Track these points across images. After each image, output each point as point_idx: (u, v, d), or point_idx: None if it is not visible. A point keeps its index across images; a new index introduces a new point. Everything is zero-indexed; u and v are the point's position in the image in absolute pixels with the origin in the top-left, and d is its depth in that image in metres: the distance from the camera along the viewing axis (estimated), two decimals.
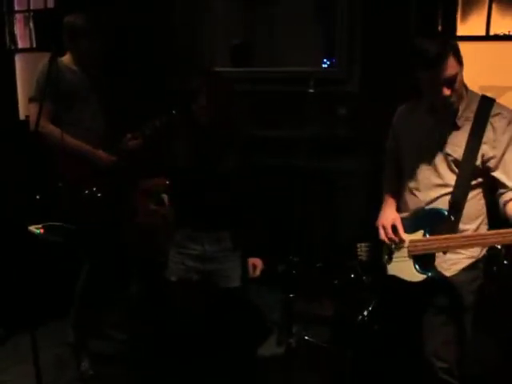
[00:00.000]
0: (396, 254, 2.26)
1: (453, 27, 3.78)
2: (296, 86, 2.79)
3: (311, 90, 2.56)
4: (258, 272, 2.67)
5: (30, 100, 2.93)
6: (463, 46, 3.73)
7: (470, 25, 3.90)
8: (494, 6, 3.79)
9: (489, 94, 3.61)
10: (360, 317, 2.76)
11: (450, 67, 2.00)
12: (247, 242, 2.67)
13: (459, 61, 2.04)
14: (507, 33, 3.79)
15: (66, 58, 3.00)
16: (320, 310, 3.42)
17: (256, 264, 2.67)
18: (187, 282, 2.65)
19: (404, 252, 2.22)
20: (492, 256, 2.93)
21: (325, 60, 4.32)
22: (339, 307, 3.18)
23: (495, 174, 2.10)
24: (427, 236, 2.15)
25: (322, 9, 4.36)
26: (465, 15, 3.91)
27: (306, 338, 3.04)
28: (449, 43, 2.02)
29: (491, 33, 3.81)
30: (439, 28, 3.70)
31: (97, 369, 3.14)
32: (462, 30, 3.87)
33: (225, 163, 2.58)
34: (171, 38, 4.24)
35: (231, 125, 2.62)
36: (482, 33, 3.82)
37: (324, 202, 3.80)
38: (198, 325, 2.65)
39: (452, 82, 2.02)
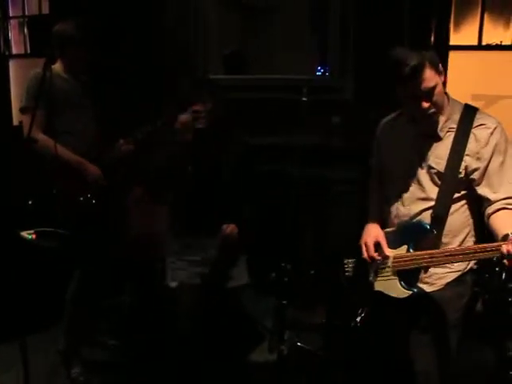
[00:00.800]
0: (382, 271, 2.21)
1: (446, 37, 3.81)
2: (289, 93, 2.79)
3: (304, 98, 2.57)
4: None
5: (22, 110, 2.93)
6: (456, 56, 3.84)
7: (462, 34, 3.94)
8: (486, 16, 3.83)
9: (481, 103, 3.69)
10: (352, 323, 2.75)
11: (427, 79, 1.93)
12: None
13: (437, 71, 1.97)
14: (499, 42, 3.82)
15: (57, 66, 3.00)
16: (312, 316, 3.42)
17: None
18: (190, 287, 2.65)
19: (389, 268, 2.17)
20: (484, 263, 2.95)
21: (319, 68, 4.34)
22: (332, 314, 3.18)
23: (478, 188, 2.05)
24: (411, 251, 2.11)
25: (316, 17, 4.40)
26: (457, 25, 3.95)
27: (298, 344, 3.03)
28: (425, 55, 1.94)
29: (483, 42, 3.84)
30: (432, 37, 3.73)
31: (88, 376, 3.11)
32: (454, 39, 3.90)
33: (223, 169, 2.59)
34: (166, 46, 4.25)
35: (227, 132, 2.62)
36: (475, 42, 3.85)
37: (317, 210, 3.80)
38: (194, 331, 2.64)
39: (430, 94, 1.96)
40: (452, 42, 3.86)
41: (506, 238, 1.83)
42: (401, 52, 1.96)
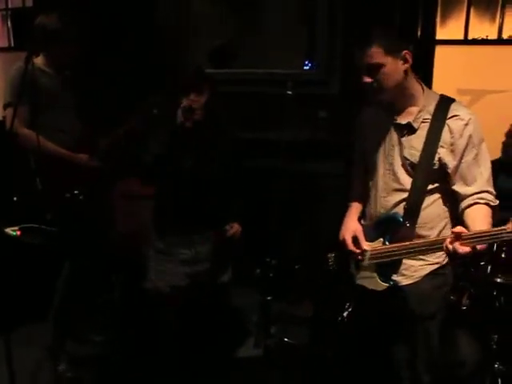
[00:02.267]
0: (361, 264, 2.21)
1: (432, 31, 3.81)
2: (276, 88, 2.78)
3: (289, 92, 2.56)
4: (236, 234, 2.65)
5: (5, 106, 2.88)
6: (442, 50, 3.85)
7: (449, 29, 3.96)
8: (472, 10, 3.85)
9: (467, 97, 3.71)
10: (339, 317, 2.77)
11: (370, 56, 1.96)
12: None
13: (391, 54, 1.98)
14: (485, 37, 3.84)
15: (39, 60, 2.94)
16: (298, 311, 3.43)
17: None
18: (174, 287, 2.63)
19: (367, 261, 2.18)
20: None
21: (306, 62, 4.33)
22: (319, 308, 3.19)
23: (451, 181, 2.05)
24: (387, 244, 2.12)
25: (304, 11, 4.38)
26: (444, 20, 3.96)
27: (285, 339, 3.04)
28: (378, 35, 1.98)
29: (469, 37, 3.86)
30: (419, 32, 3.73)
31: (75, 372, 3.08)
32: (441, 33, 3.91)
33: (213, 164, 2.57)
34: (155, 40, 4.22)
35: (217, 126, 2.60)
36: (461, 37, 3.87)
37: (303, 204, 3.80)
38: (181, 327, 2.64)
39: (371, 70, 1.98)
40: (438, 37, 3.87)
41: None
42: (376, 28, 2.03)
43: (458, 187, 2.04)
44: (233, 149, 2.69)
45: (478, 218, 1.95)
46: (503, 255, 2.84)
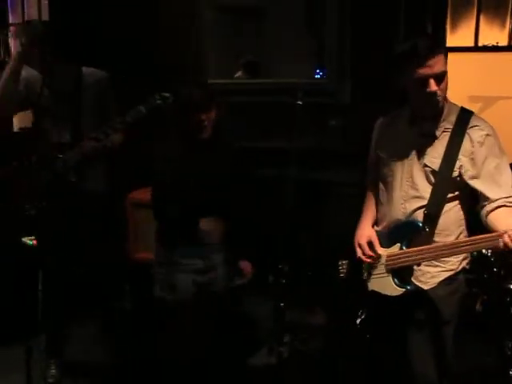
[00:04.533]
0: (375, 270, 2.24)
1: (442, 38, 3.83)
2: (286, 97, 2.81)
3: (299, 102, 2.58)
4: (248, 275, 2.68)
5: None
6: (453, 57, 3.83)
7: (458, 36, 3.96)
8: (481, 17, 3.86)
9: (478, 105, 3.71)
10: (353, 324, 2.77)
11: (440, 62, 1.99)
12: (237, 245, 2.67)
13: (446, 61, 2.03)
14: (495, 43, 3.84)
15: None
16: (312, 318, 3.44)
17: (246, 267, 2.69)
18: (183, 298, 2.61)
19: (382, 267, 2.20)
20: (482, 263, 2.97)
21: (317, 71, 4.36)
22: (332, 315, 3.20)
23: (476, 186, 2.07)
24: (404, 249, 2.14)
25: (313, 20, 4.42)
26: (454, 26, 3.97)
27: (298, 347, 3.05)
28: (439, 41, 2.06)
29: (480, 44, 3.86)
30: None
31: (66, 378, 3.07)
32: (451, 40, 3.92)
33: (218, 175, 2.57)
34: (158, 49, 4.27)
35: (221, 136, 2.63)
36: (471, 44, 3.88)
37: (315, 213, 3.82)
38: (190, 336, 2.65)
39: (441, 78, 2.00)
40: (448, 44, 3.88)
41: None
42: (415, 38, 2.03)
43: (483, 191, 2.06)
44: (237, 159, 2.70)
45: (507, 218, 1.97)
46: None
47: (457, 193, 2.12)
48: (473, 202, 2.14)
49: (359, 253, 2.27)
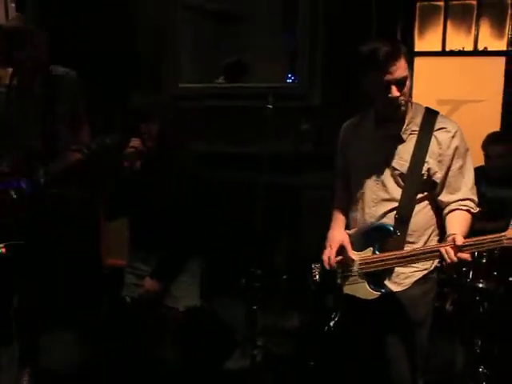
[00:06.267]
0: (349, 274, 2.23)
1: (411, 43, 3.90)
2: (258, 101, 2.82)
3: (270, 106, 2.59)
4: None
5: None
6: (421, 62, 3.93)
7: (426, 41, 4.05)
8: (448, 23, 3.95)
9: (446, 107, 3.78)
10: (326, 328, 2.78)
11: (402, 68, 1.97)
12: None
13: (409, 66, 2.02)
14: (461, 49, 3.94)
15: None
16: (285, 321, 3.44)
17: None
18: (140, 301, 2.62)
19: (356, 271, 2.19)
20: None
21: (289, 75, 4.39)
22: (305, 318, 3.20)
23: (438, 190, 2.11)
24: (376, 253, 2.14)
25: (285, 23, 4.45)
26: (422, 32, 4.05)
27: (272, 350, 3.05)
28: (400, 45, 2.01)
29: (447, 48, 3.95)
30: None
31: None
32: (419, 45, 4.01)
33: (169, 181, 2.55)
34: (133, 51, 4.24)
35: (171, 146, 2.58)
36: (439, 48, 3.97)
37: (287, 216, 3.84)
38: (162, 339, 2.63)
39: (402, 83, 2.00)
40: (417, 49, 3.97)
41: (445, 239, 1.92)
42: (375, 41, 2.02)
43: (443, 196, 2.12)
44: (188, 164, 2.65)
45: (457, 222, 2.03)
46: (484, 260, 2.88)
47: (426, 193, 2.14)
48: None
49: (325, 256, 2.25)
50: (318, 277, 2.37)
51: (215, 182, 2.83)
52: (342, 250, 2.23)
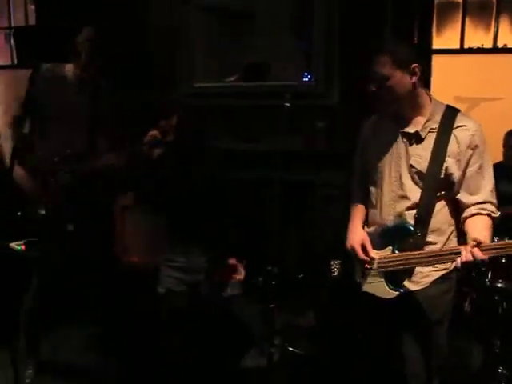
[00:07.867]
0: (368, 272, 2.22)
1: (428, 41, 3.87)
2: (275, 100, 2.82)
3: (287, 104, 2.59)
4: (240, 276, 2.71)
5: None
6: (439, 59, 3.90)
7: (444, 38, 4.02)
8: (467, 20, 3.91)
9: (464, 105, 3.75)
10: (344, 325, 2.77)
11: (379, 65, 2.04)
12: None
13: (400, 67, 2.03)
14: (480, 46, 3.90)
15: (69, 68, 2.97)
16: (302, 320, 3.43)
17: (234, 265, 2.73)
18: (174, 293, 2.70)
19: (375, 270, 2.19)
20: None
21: (305, 74, 4.37)
22: (323, 316, 3.20)
23: (457, 189, 2.09)
24: (396, 252, 2.14)
25: (301, 22, 4.43)
26: (440, 29, 4.02)
27: (289, 348, 3.05)
28: (389, 47, 2.09)
29: (465, 46, 3.92)
30: (415, 41, 3.78)
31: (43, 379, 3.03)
32: (437, 43, 3.97)
33: (196, 178, 2.64)
34: (147, 51, 4.27)
35: (197, 141, 2.69)
36: (457, 46, 3.93)
37: (303, 214, 3.83)
38: (181, 337, 2.66)
39: (378, 80, 2.05)
40: (435, 46, 3.93)
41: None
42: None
43: (462, 196, 2.09)
44: (214, 161, 2.77)
45: (478, 229, 2.01)
46: (503, 260, 2.85)
47: (445, 192, 2.12)
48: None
49: (357, 256, 2.23)
50: (337, 273, 2.37)
51: (231, 180, 2.85)
52: (362, 248, 2.23)
